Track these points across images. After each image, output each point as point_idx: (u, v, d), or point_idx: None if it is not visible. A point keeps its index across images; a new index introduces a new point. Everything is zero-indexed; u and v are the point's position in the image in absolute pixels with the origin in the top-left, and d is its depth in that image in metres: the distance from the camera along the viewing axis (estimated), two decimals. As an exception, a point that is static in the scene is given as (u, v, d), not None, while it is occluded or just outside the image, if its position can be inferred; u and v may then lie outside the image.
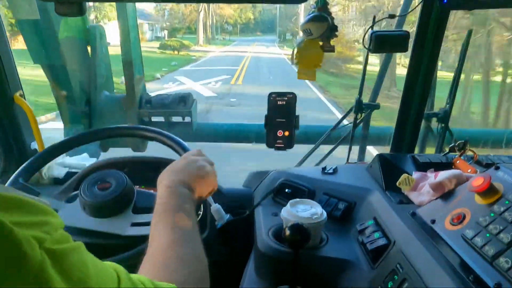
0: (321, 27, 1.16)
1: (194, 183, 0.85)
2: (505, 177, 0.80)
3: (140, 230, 1.01)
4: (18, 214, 0.38)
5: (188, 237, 0.72)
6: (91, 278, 0.42)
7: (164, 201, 0.78)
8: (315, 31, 1.16)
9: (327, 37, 1.19)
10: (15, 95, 1.50)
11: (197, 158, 0.92)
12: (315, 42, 1.20)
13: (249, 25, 67.00)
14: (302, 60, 1.23)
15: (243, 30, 66.35)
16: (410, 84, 1.41)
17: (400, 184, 1.06)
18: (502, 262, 0.65)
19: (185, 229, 0.73)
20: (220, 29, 56.15)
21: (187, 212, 0.77)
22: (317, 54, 1.21)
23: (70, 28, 2.48)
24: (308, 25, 1.16)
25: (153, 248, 0.69)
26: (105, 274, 0.45)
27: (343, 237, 1.05)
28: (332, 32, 1.18)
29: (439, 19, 1.28)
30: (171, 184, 0.82)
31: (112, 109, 2.87)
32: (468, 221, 0.78)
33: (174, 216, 0.74)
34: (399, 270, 0.80)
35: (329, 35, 1.19)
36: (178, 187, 0.81)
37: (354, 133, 1.71)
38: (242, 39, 55.27)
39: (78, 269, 0.41)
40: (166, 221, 0.73)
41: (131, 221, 1.04)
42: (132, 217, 1.05)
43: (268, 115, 1.25)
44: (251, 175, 1.49)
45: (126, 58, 2.80)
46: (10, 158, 1.58)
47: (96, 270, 0.44)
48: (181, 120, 2.95)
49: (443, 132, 1.65)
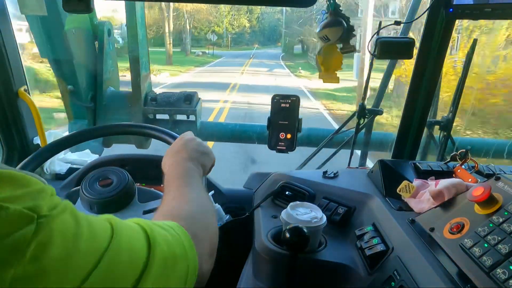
0: (337, 31, 1.16)
1: (197, 158, 0.88)
2: (505, 188, 0.80)
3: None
4: (10, 188, 0.40)
5: (195, 191, 0.75)
6: (84, 232, 0.44)
7: (170, 174, 0.81)
8: (332, 36, 1.17)
9: (345, 38, 1.20)
10: (20, 90, 1.51)
11: (193, 136, 0.95)
12: (333, 46, 1.21)
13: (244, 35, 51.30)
14: (324, 65, 1.25)
15: (236, 41, 50.97)
16: (413, 91, 1.41)
17: (400, 190, 1.06)
18: (499, 273, 0.65)
19: (192, 187, 0.76)
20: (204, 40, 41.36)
21: (194, 180, 0.80)
22: (337, 58, 1.22)
23: (78, 23, 2.50)
24: (324, 32, 1.17)
25: (162, 203, 0.72)
26: (98, 225, 0.47)
27: (342, 242, 1.05)
28: (349, 33, 1.19)
29: (445, 27, 1.28)
30: (175, 160, 0.85)
31: (117, 106, 2.88)
32: (467, 230, 0.78)
33: (181, 181, 0.78)
34: (396, 277, 0.80)
35: (346, 36, 1.19)
36: (183, 162, 0.84)
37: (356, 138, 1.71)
38: (234, 53, 40.32)
39: (72, 226, 0.43)
40: (174, 185, 0.76)
41: (142, 209, 1.05)
42: (141, 206, 1.07)
43: (271, 117, 1.26)
44: (252, 176, 1.49)
45: (133, 55, 2.82)
46: (13, 153, 1.59)
47: (88, 224, 0.46)
48: (185, 118, 2.96)
49: (445, 140, 1.65)
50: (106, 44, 2.69)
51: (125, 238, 0.49)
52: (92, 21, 2.61)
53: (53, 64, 2.46)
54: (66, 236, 0.42)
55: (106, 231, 0.47)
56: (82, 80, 2.63)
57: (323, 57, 1.23)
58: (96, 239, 0.45)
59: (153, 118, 2.98)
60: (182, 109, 2.91)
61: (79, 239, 0.43)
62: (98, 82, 2.76)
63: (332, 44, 1.20)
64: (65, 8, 0.92)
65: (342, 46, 1.22)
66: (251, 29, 51.70)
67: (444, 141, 1.65)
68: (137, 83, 2.85)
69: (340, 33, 1.16)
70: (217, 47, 43.38)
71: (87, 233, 0.44)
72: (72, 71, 2.51)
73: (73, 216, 0.44)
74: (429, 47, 1.33)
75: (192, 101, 2.91)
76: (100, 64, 2.70)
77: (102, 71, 2.72)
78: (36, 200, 0.41)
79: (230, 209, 1.31)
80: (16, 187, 0.40)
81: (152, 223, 0.55)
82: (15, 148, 1.59)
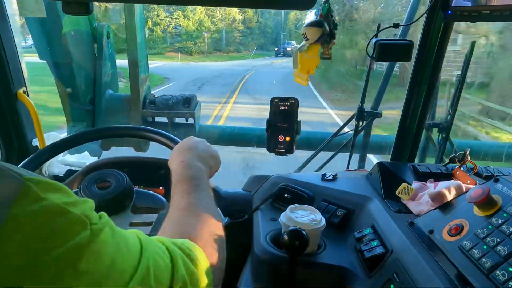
0: (315, 33, 1.16)
1: (206, 159, 0.89)
2: (504, 189, 0.80)
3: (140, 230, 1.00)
4: (61, 195, 0.42)
5: (204, 199, 0.75)
6: (121, 242, 0.47)
7: (180, 172, 0.81)
8: (310, 36, 1.17)
9: (324, 43, 1.20)
10: (19, 92, 1.51)
11: (202, 139, 0.97)
12: (315, 49, 1.21)
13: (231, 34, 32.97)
14: (301, 63, 1.24)
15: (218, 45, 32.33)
16: (412, 93, 1.41)
17: (399, 193, 1.06)
18: (498, 275, 0.65)
19: (201, 193, 0.76)
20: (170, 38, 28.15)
21: (203, 182, 0.80)
22: (313, 60, 1.22)
23: (77, 26, 2.50)
24: (305, 30, 1.18)
25: (170, 211, 0.72)
26: (131, 237, 0.50)
27: (341, 244, 1.05)
28: (330, 39, 1.19)
29: (443, 30, 1.29)
30: (184, 158, 0.85)
31: (116, 108, 2.88)
32: (466, 232, 0.78)
33: (190, 184, 0.78)
34: (396, 279, 0.80)
35: (326, 41, 1.19)
36: (193, 161, 0.85)
37: (355, 141, 1.71)
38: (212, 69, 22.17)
39: (114, 239, 0.46)
40: (182, 188, 0.76)
41: (130, 220, 1.04)
42: (130, 217, 1.05)
43: (270, 120, 1.26)
44: (251, 179, 1.49)
45: (132, 58, 2.82)
46: (11, 154, 1.59)
47: (124, 235, 0.49)
48: (184, 121, 2.96)
49: (444, 143, 1.65)
50: (105, 46, 2.69)
51: (152, 255, 0.51)
52: (91, 24, 2.61)
53: (52, 67, 2.46)
54: (111, 249, 0.45)
55: (137, 247, 0.50)
56: (81, 83, 2.62)
57: (302, 56, 1.23)
58: (131, 255, 0.48)
59: (152, 121, 2.98)
60: (181, 112, 2.91)
61: (119, 253, 0.46)
62: (97, 85, 2.75)
63: (315, 46, 1.20)
64: (65, 10, 0.92)
65: (322, 51, 1.22)
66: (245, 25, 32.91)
67: (443, 143, 1.65)
68: (136, 86, 2.85)
69: (318, 35, 1.16)
70: (186, 54, 28.32)
71: (124, 249, 0.47)
72: (70, 73, 2.51)
73: (113, 230, 0.47)
74: (427, 49, 1.33)
75: (191, 104, 2.91)
76: (99, 66, 2.70)
77: (101, 74, 2.72)
78: (85, 209, 0.44)
79: (229, 212, 1.31)
80: (66, 195, 0.43)
81: (171, 242, 0.57)
82: (13, 149, 1.59)
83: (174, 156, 0.89)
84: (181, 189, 0.76)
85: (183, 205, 0.72)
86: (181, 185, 0.77)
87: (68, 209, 0.41)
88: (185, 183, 0.78)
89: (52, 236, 0.39)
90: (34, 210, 0.38)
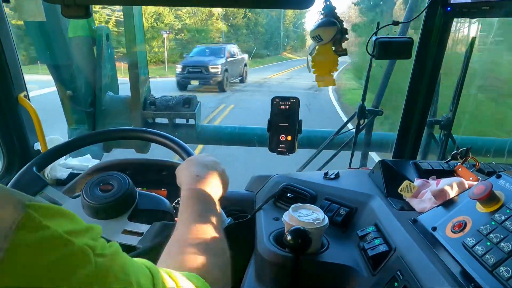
0: (330, 32, 1.16)
1: (219, 181, 0.88)
2: (506, 185, 0.80)
3: (128, 239, 0.98)
4: (64, 221, 0.40)
5: (213, 223, 0.74)
6: (132, 278, 0.45)
7: (194, 188, 0.81)
8: (325, 36, 1.17)
9: (338, 40, 1.19)
10: (20, 96, 1.51)
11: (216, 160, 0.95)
12: (328, 48, 1.20)
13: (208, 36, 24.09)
14: (318, 68, 1.24)
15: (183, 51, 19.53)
16: (413, 90, 1.41)
17: (401, 190, 1.06)
18: (502, 271, 0.65)
19: (211, 217, 0.76)
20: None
21: (215, 204, 0.81)
22: (332, 59, 1.22)
23: (77, 28, 2.50)
24: (317, 31, 1.17)
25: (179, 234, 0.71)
26: (141, 272, 0.48)
27: (344, 243, 1.05)
28: (342, 35, 1.19)
29: (443, 26, 1.29)
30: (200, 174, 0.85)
31: (116, 110, 2.88)
32: (469, 229, 0.78)
33: (202, 205, 0.78)
34: (400, 277, 0.80)
35: (339, 38, 1.19)
36: (208, 180, 0.84)
37: (357, 139, 1.71)
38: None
39: (122, 271, 0.44)
40: (194, 208, 0.76)
41: (124, 228, 1.02)
42: (125, 224, 1.03)
43: (271, 120, 1.26)
44: (253, 179, 1.49)
45: (131, 60, 2.82)
46: (13, 158, 1.59)
47: (134, 269, 0.47)
48: (185, 122, 2.96)
49: (446, 139, 1.65)
50: (105, 49, 2.69)
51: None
52: (90, 26, 2.61)
53: (52, 69, 2.46)
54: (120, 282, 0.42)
55: (147, 280, 0.48)
56: (81, 85, 2.63)
57: (317, 59, 1.23)
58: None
59: (153, 122, 2.99)
60: (181, 113, 2.91)
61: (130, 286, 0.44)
62: (97, 87, 2.76)
63: (326, 45, 1.20)
64: (64, 13, 0.92)
65: (335, 49, 1.21)
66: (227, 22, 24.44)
67: (444, 140, 1.65)
68: (136, 87, 2.86)
69: (333, 33, 1.16)
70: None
71: (135, 282, 0.45)
72: (70, 76, 2.52)
73: (122, 264, 0.45)
74: (427, 46, 1.33)
75: (191, 105, 2.92)
76: (99, 69, 2.71)
77: (100, 76, 2.73)
78: (89, 238, 0.42)
79: (231, 212, 1.31)
80: (69, 221, 0.41)
81: (179, 276, 0.56)
82: (16, 153, 1.59)
83: (190, 168, 0.88)
84: (192, 209, 0.76)
85: (192, 235, 0.70)
86: (193, 204, 0.77)
87: (70, 239, 0.38)
88: (197, 202, 0.78)
89: (53, 270, 0.37)
90: (34, 241, 0.36)
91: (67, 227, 0.39)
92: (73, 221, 0.41)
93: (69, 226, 0.40)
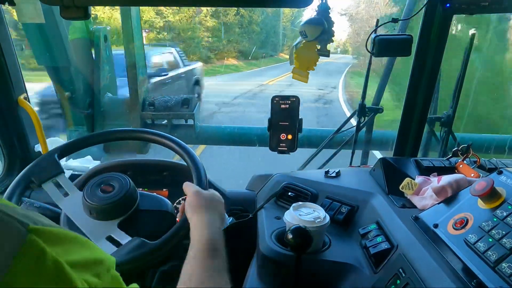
0: (315, 30, 1.16)
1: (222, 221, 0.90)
2: (508, 181, 0.80)
3: (107, 247, 0.97)
4: (73, 249, 0.38)
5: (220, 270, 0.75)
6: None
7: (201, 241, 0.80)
8: (310, 34, 1.17)
9: (323, 41, 1.19)
10: (20, 98, 1.51)
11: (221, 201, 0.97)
12: (312, 45, 1.20)
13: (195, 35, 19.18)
14: (298, 61, 1.24)
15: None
16: (413, 88, 1.41)
17: (403, 188, 1.06)
18: (504, 267, 0.65)
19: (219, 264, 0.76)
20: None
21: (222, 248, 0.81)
22: (312, 57, 1.22)
23: (75, 30, 2.50)
24: (304, 27, 1.18)
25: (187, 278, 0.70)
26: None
27: (346, 241, 1.05)
28: (328, 36, 1.19)
29: (442, 23, 1.28)
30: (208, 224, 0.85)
31: (115, 111, 2.88)
32: (470, 225, 0.78)
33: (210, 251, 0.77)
34: (402, 275, 0.80)
35: (326, 39, 1.19)
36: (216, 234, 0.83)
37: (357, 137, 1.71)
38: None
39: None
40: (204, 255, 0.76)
41: (110, 233, 1.01)
42: (112, 230, 1.02)
43: (271, 119, 1.26)
44: (254, 178, 1.49)
45: (129, 60, 2.81)
46: (14, 160, 1.59)
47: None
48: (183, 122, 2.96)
49: (446, 136, 1.65)
50: (103, 50, 2.69)
51: None
52: (88, 28, 2.61)
53: (50, 71, 2.46)
54: None
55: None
56: (80, 87, 2.63)
57: (300, 53, 1.23)
58: None
59: (151, 123, 2.98)
60: (180, 114, 2.90)
61: None
62: (95, 88, 2.76)
63: (312, 43, 1.20)
64: (63, 15, 0.92)
65: (319, 49, 1.21)
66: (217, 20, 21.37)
67: (445, 137, 1.65)
68: (134, 88, 2.85)
69: (318, 33, 1.16)
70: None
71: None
72: (69, 77, 2.52)
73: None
74: (427, 43, 1.33)
75: (190, 105, 2.91)
76: (97, 70, 2.71)
77: (99, 77, 2.72)
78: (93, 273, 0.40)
79: (233, 212, 1.31)
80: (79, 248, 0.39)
81: None
82: (16, 156, 1.59)
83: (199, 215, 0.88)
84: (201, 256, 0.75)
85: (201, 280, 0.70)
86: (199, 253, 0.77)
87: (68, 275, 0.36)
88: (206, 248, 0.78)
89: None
90: (33, 271, 0.35)
91: (72, 257, 0.37)
92: (83, 248, 0.39)
93: (75, 255, 0.38)
